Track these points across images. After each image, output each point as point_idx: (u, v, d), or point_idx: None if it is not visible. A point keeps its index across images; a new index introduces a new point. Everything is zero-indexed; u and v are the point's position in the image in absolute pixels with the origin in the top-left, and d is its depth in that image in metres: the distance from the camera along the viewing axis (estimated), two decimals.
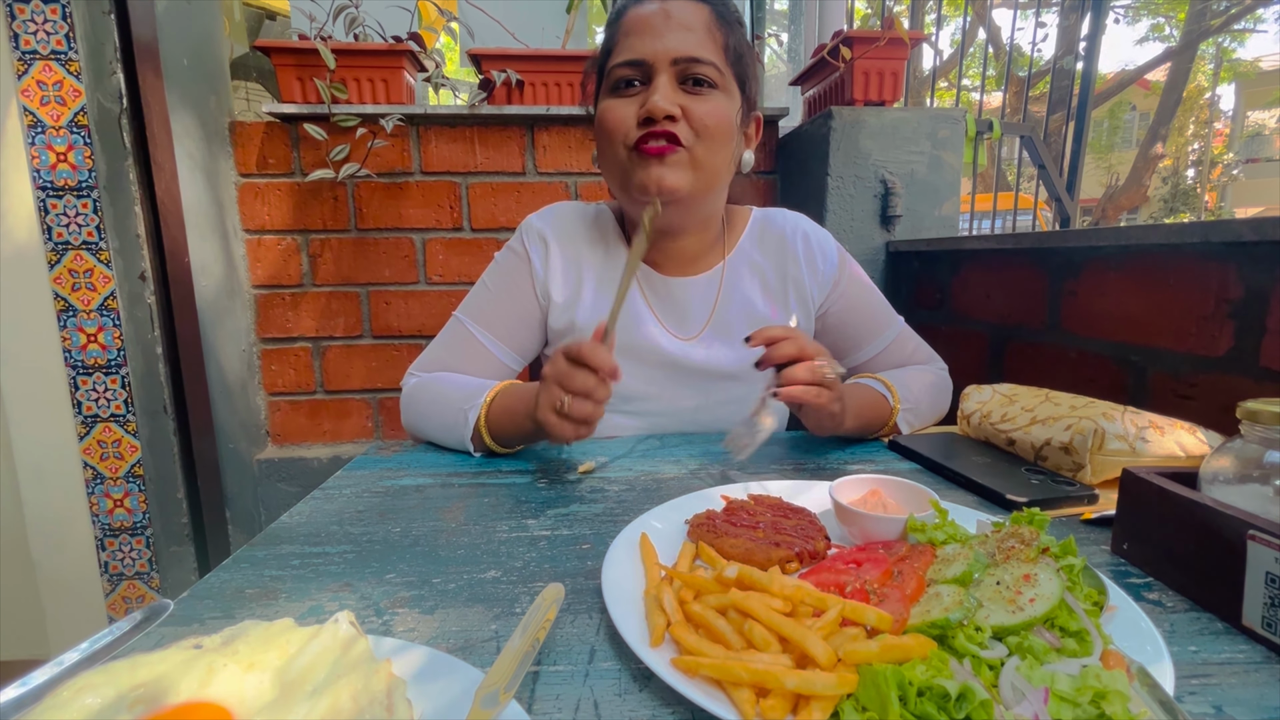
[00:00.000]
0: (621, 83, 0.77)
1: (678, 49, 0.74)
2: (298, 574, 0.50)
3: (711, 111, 0.75)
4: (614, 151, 0.78)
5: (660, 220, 0.81)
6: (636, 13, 0.77)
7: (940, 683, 0.30)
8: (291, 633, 0.34)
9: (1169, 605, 0.44)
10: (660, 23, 0.75)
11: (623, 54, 0.77)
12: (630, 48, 0.76)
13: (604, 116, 0.78)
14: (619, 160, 0.78)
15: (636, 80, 0.76)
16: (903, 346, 0.93)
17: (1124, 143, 16.80)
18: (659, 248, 0.87)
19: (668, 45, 0.74)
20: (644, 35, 0.75)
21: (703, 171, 0.77)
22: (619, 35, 0.78)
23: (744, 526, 0.51)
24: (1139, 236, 0.88)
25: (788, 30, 2.71)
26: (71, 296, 1.29)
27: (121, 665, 0.30)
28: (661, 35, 0.74)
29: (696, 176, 0.77)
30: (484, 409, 0.76)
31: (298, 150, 1.54)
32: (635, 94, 0.76)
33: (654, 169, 0.75)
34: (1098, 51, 2.07)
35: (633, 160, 0.77)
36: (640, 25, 0.76)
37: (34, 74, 1.22)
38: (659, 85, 0.74)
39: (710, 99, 0.76)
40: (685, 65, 0.74)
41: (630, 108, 0.76)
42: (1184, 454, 0.62)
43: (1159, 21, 12.26)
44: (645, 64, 0.75)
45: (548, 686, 0.36)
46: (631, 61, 0.75)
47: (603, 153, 0.81)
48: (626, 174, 0.78)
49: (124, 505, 1.38)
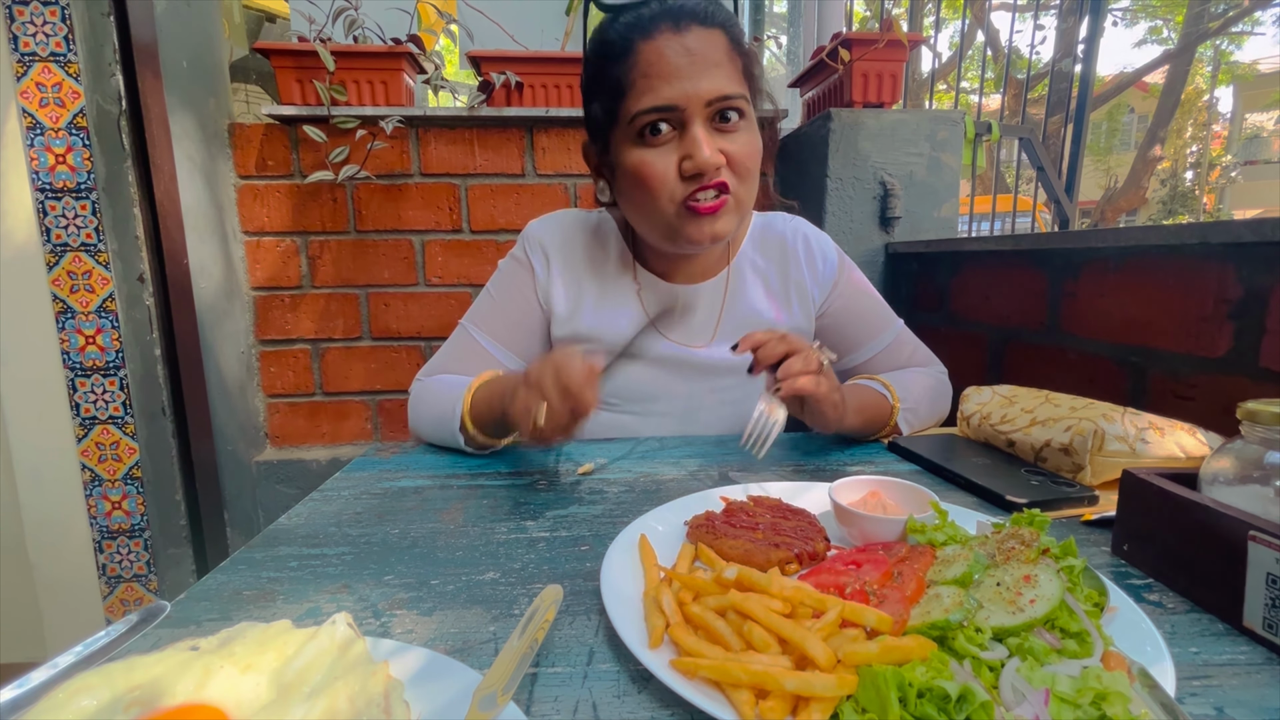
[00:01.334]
0: (650, 128, 0.72)
1: (711, 90, 0.70)
2: (295, 575, 0.50)
3: (748, 149, 0.74)
4: (656, 206, 0.75)
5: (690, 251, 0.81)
6: (654, 51, 0.71)
7: (940, 684, 0.30)
8: (289, 634, 0.33)
9: (1170, 606, 0.44)
10: (685, 63, 0.70)
11: (648, 98, 0.71)
12: (657, 92, 0.70)
13: (642, 171, 0.73)
14: (664, 216, 0.75)
15: (665, 124, 0.72)
16: (901, 348, 0.93)
17: (1122, 145, 16.84)
18: (667, 260, 0.87)
19: (700, 88, 0.70)
20: (669, 78, 0.70)
21: (743, 208, 0.77)
22: (635, 75, 0.72)
23: (743, 528, 0.51)
24: (1138, 238, 0.88)
25: (787, 32, 2.71)
26: (70, 298, 1.29)
27: (118, 667, 0.30)
28: (689, 76, 0.70)
29: (740, 216, 0.77)
30: (468, 399, 0.76)
31: (297, 152, 1.54)
32: (667, 141, 0.72)
33: (706, 225, 0.74)
34: (1096, 54, 2.07)
35: (682, 216, 0.74)
36: (663, 66, 0.70)
37: (33, 76, 1.22)
38: (698, 135, 0.70)
39: (742, 133, 0.74)
40: (718, 105, 0.71)
41: (669, 159, 0.72)
42: (1184, 455, 0.61)
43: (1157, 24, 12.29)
44: (678, 110, 0.70)
45: (546, 688, 0.36)
46: (660, 108, 0.71)
47: (639, 204, 0.77)
48: (673, 229, 0.76)
49: (122, 507, 1.37)
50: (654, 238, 0.80)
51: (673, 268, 0.88)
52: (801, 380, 0.66)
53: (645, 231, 0.81)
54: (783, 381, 0.67)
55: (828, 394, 0.69)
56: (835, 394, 0.71)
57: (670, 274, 0.88)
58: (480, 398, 0.76)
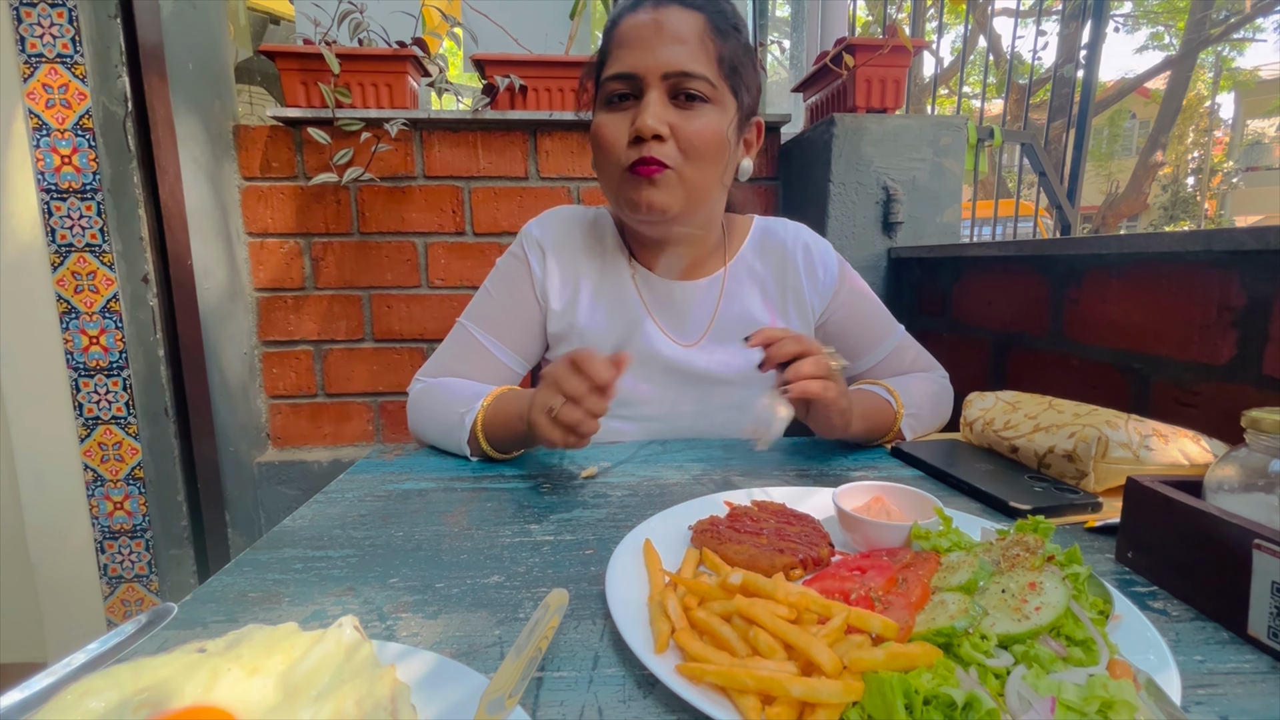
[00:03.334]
0: (614, 96, 0.77)
1: (668, 63, 0.73)
2: (301, 578, 0.50)
3: (700, 130, 0.75)
4: (608, 168, 0.79)
5: (652, 230, 0.82)
6: (630, 22, 0.76)
7: (946, 691, 0.30)
8: (295, 637, 0.34)
9: (1174, 614, 0.44)
10: (652, 35, 0.74)
11: (614, 66, 0.76)
12: (621, 60, 0.75)
13: (598, 132, 0.78)
14: (614, 178, 0.79)
15: (628, 94, 0.76)
16: (903, 355, 0.93)
17: (1124, 150, 16.85)
18: (658, 254, 0.88)
19: (659, 59, 0.73)
20: (635, 47, 0.74)
21: (691, 190, 0.77)
22: (612, 46, 0.78)
23: (748, 533, 0.51)
24: (1141, 244, 0.88)
25: (790, 37, 2.72)
26: (74, 298, 1.29)
27: (125, 669, 0.30)
28: (653, 48, 0.73)
29: (686, 195, 0.77)
30: (480, 413, 0.76)
31: (301, 154, 1.55)
32: (627, 109, 0.76)
33: (644, 190, 0.76)
34: (1098, 60, 2.07)
35: (625, 179, 0.77)
36: (632, 37, 0.75)
37: (40, 77, 1.23)
38: (649, 102, 0.74)
39: (700, 115, 0.75)
40: (676, 80, 0.74)
41: (623, 124, 0.76)
42: (1188, 462, 0.62)
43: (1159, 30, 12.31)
44: (636, 78, 0.74)
45: (552, 693, 0.36)
46: (622, 75, 0.75)
47: (599, 166, 0.82)
48: (620, 192, 0.79)
49: (124, 508, 1.37)
50: (610, 200, 0.84)
51: (665, 264, 0.88)
52: (812, 384, 0.66)
53: (605, 194, 0.84)
54: (792, 383, 0.66)
55: (835, 399, 0.68)
56: (843, 400, 0.70)
57: (663, 270, 0.88)
58: (493, 413, 0.76)
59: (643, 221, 0.80)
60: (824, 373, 0.67)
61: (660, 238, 0.84)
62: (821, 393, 0.66)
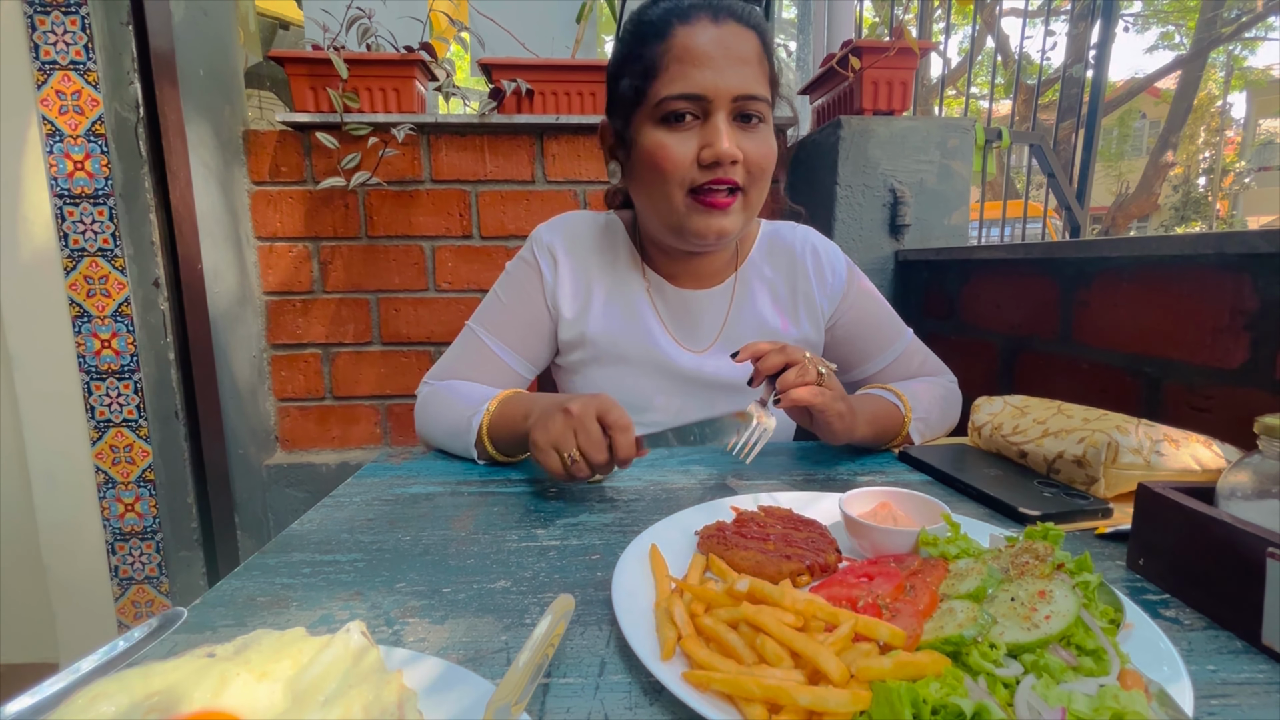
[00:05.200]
0: (674, 115, 0.74)
1: (739, 87, 0.72)
2: (309, 582, 0.50)
3: (766, 152, 0.75)
4: (666, 191, 0.75)
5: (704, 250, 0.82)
6: (690, 38, 0.72)
7: (955, 701, 0.30)
8: (303, 642, 0.34)
9: (1186, 623, 0.44)
10: (719, 55, 0.72)
11: (678, 84, 0.72)
12: (687, 79, 0.72)
13: (658, 153, 0.74)
14: (673, 202, 0.76)
15: (692, 114, 0.73)
16: (911, 358, 0.93)
17: (1134, 151, 16.72)
18: (674, 263, 0.88)
19: (729, 82, 0.71)
20: (703, 67, 0.72)
21: (751, 210, 0.78)
22: (669, 60, 0.73)
23: (754, 539, 0.51)
24: (1152, 247, 0.87)
25: (796, 39, 2.72)
26: (86, 302, 1.31)
27: (135, 673, 0.30)
28: (721, 69, 0.71)
29: (746, 217, 0.78)
30: (486, 417, 0.76)
31: (310, 158, 1.56)
32: (689, 128, 0.74)
33: (715, 219, 0.75)
34: (1107, 59, 2.06)
35: (691, 207, 0.75)
36: (697, 55, 0.72)
37: (53, 84, 1.24)
38: (720, 126, 0.72)
39: (762, 136, 0.75)
40: (743, 103, 0.73)
41: (688, 146, 0.73)
42: (1199, 468, 0.61)
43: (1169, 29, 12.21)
44: (704, 99, 0.72)
45: (558, 699, 0.36)
46: (690, 95, 0.72)
47: (648, 186, 0.78)
48: (680, 218, 0.77)
49: (135, 510, 1.39)
50: (659, 227, 0.81)
51: (679, 271, 0.88)
52: (800, 391, 0.67)
53: (651, 220, 0.81)
54: (782, 394, 0.68)
55: (829, 404, 0.69)
56: (839, 404, 0.70)
57: (677, 277, 0.88)
58: (500, 416, 0.76)
59: (702, 247, 0.80)
60: (811, 379, 0.68)
61: (700, 253, 0.85)
62: (812, 399, 0.67)
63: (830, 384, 0.70)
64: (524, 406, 0.73)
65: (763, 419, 0.69)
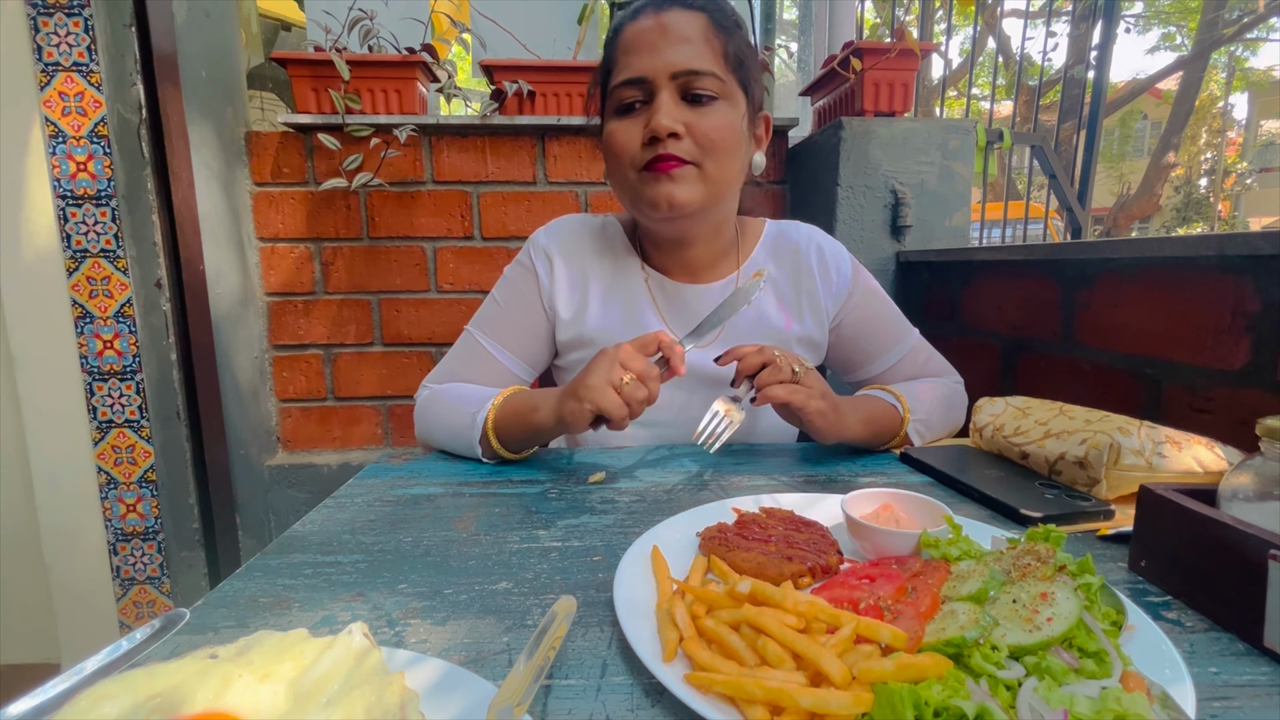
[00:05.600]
0: (625, 103, 0.77)
1: (676, 63, 0.74)
2: (310, 583, 0.50)
3: (716, 125, 0.75)
4: (623, 174, 0.79)
5: (672, 229, 0.82)
6: (633, 29, 0.77)
7: (957, 703, 0.30)
8: (306, 643, 0.34)
9: (1188, 625, 0.44)
10: (657, 38, 0.74)
11: (623, 73, 0.76)
12: (629, 66, 0.76)
13: (610, 139, 0.78)
14: (629, 181, 0.79)
15: (639, 99, 0.76)
16: (916, 358, 0.93)
17: (1136, 152, 16.70)
18: (670, 256, 0.88)
19: (666, 60, 0.74)
20: (642, 52, 0.75)
21: (713, 184, 0.78)
22: (618, 54, 0.78)
23: (756, 540, 0.51)
24: (1153, 248, 0.87)
25: (798, 40, 2.72)
26: (89, 303, 1.31)
27: (138, 674, 0.30)
28: (659, 50, 0.74)
29: (707, 190, 0.77)
30: (492, 412, 0.76)
31: (312, 160, 1.56)
32: (639, 114, 0.76)
33: (664, 186, 0.76)
34: (1109, 60, 2.06)
35: (642, 179, 0.77)
36: (638, 42, 0.76)
37: (56, 85, 1.25)
38: (661, 103, 0.74)
39: (714, 111, 0.75)
40: (686, 79, 0.74)
41: (635, 128, 0.76)
42: (1201, 470, 0.61)
43: (1170, 30, 12.20)
44: (646, 81, 0.75)
45: (560, 701, 0.36)
46: (631, 80, 0.75)
47: (612, 174, 0.82)
48: (637, 193, 0.78)
49: (136, 510, 1.39)
50: (628, 207, 0.84)
51: (677, 265, 0.88)
52: (774, 389, 0.71)
53: (622, 201, 0.84)
54: (757, 392, 0.72)
55: (806, 401, 0.71)
56: (818, 402, 0.72)
57: (675, 272, 0.88)
58: (506, 411, 0.76)
59: (663, 219, 0.79)
60: (784, 377, 0.71)
61: (678, 236, 0.84)
62: (787, 396, 0.71)
63: (807, 381, 0.72)
64: (531, 400, 0.75)
65: (730, 411, 0.73)
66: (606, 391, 0.66)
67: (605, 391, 0.66)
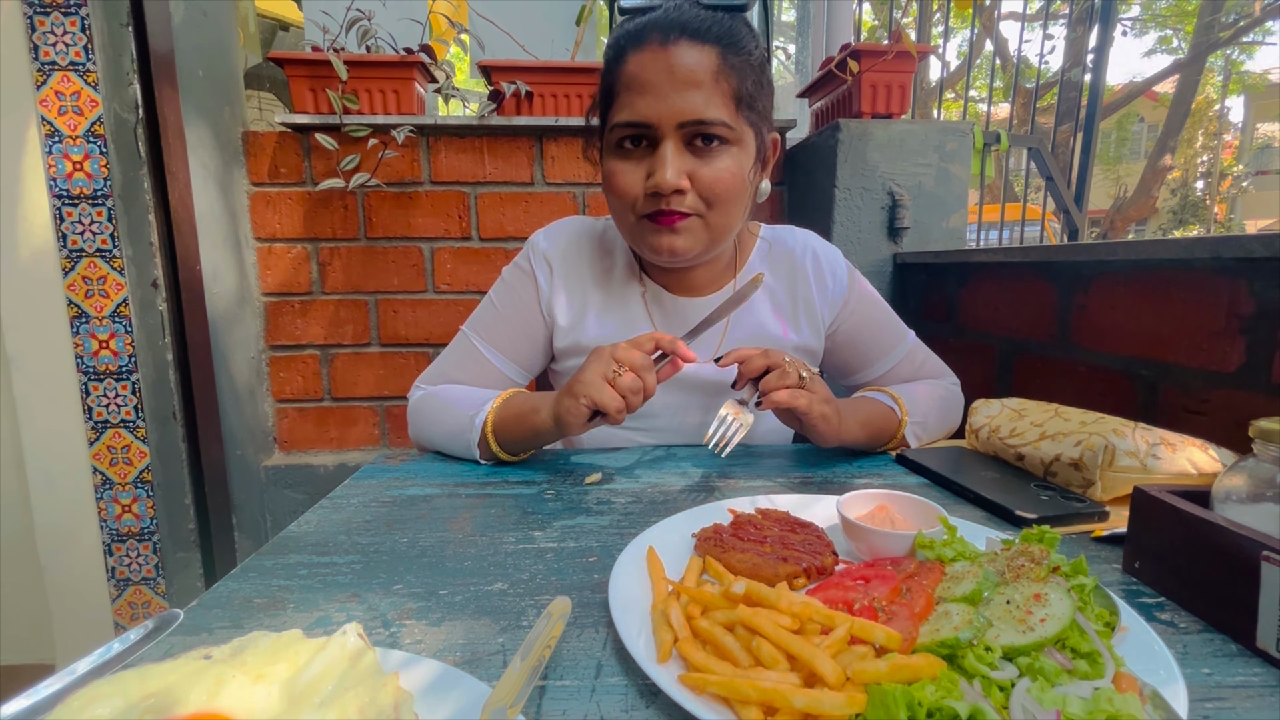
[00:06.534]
0: (626, 141, 0.74)
1: (684, 111, 0.70)
2: (305, 584, 0.50)
3: (721, 176, 0.72)
4: (624, 214, 0.77)
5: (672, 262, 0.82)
6: (637, 62, 0.71)
7: (950, 704, 0.30)
8: (300, 644, 0.34)
9: (1182, 626, 0.44)
10: (664, 80, 0.70)
11: (624, 112, 0.72)
12: (632, 107, 0.72)
13: (611, 180, 0.76)
14: (629, 222, 0.77)
15: (641, 139, 0.73)
16: (914, 361, 0.93)
17: (1132, 154, 16.76)
18: (670, 272, 0.87)
19: (673, 107, 0.70)
20: (647, 94, 0.71)
21: (716, 232, 0.77)
22: (619, 87, 0.73)
23: (751, 541, 0.51)
24: (1149, 251, 0.87)
25: (795, 42, 2.73)
26: (85, 303, 1.31)
27: (131, 675, 0.30)
28: (666, 95, 0.70)
29: (710, 238, 0.77)
30: (491, 414, 0.76)
31: (309, 160, 1.56)
32: (641, 156, 0.74)
33: (665, 237, 0.75)
34: (1105, 63, 2.07)
35: (643, 226, 0.76)
36: (642, 81, 0.71)
37: (52, 84, 1.25)
38: (665, 155, 0.71)
39: (719, 159, 0.72)
40: (693, 129, 0.71)
41: (637, 174, 0.74)
42: (1196, 471, 0.61)
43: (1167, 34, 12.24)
44: (649, 127, 0.71)
45: (554, 702, 0.36)
46: (634, 123, 0.72)
47: (612, 208, 0.80)
48: (637, 236, 0.78)
49: (132, 510, 1.38)
50: (628, 241, 0.84)
51: (675, 280, 0.88)
52: (780, 394, 0.70)
53: (620, 232, 0.84)
54: (763, 396, 0.71)
55: (811, 406, 0.71)
56: (823, 407, 0.72)
57: (673, 285, 0.88)
58: (505, 413, 0.76)
59: (664, 263, 0.80)
60: (791, 382, 0.71)
61: (680, 268, 0.85)
62: (792, 401, 0.70)
63: (813, 386, 0.72)
64: (532, 401, 0.75)
65: (739, 415, 0.73)
66: (601, 385, 0.66)
67: (600, 386, 0.66)
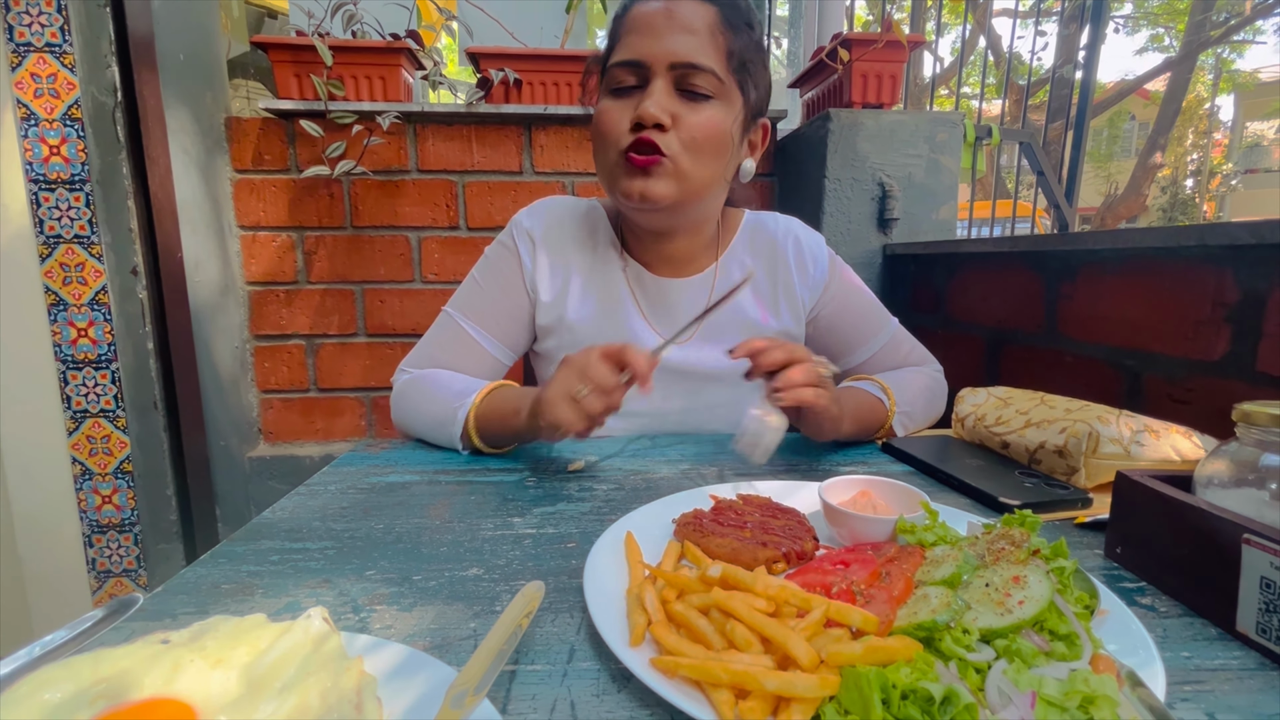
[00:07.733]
0: (619, 84, 0.75)
1: (677, 53, 0.72)
2: (276, 570, 0.49)
3: (704, 124, 0.74)
4: (605, 154, 0.77)
5: (647, 220, 0.81)
6: (640, 9, 0.75)
7: (925, 686, 0.29)
8: (262, 629, 0.33)
9: (1162, 610, 0.43)
10: (662, 23, 0.73)
11: (621, 53, 0.75)
12: (630, 47, 0.74)
13: (599, 118, 0.77)
14: (609, 163, 0.77)
15: (634, 84, 0.75)
16: (897, 348, 0.93)
17: (1123, 152, 16.85)
18: (651, 248, 0.87)
19: (667, 48, 0.72)
20: (644, 35, 0.73)
21: (688, 182, 0.76)
22: (621, 32, 0.76)
23: (731, 526, 0.50)
24: (1135, 240, 0.87)
25: (788, 35, 2.71)
26: (62, 290, 1.28)
27: (84, 660, 0.29)
28: (662, 37, 0.72)
29: (681, 187, 0.76)
30: (473, 408, 0.75)
31: (294, 147, 1.54)
32: (632, 97, 0.75)
33: (638, 180, 0.75)
34: (1097, 61, 2.07)
35: (620, 166, 0.76)
36: (642, 24, 0.74)
37: (28, 66, 1.22)
38: (653, 90, 0.73)
39: (705, 110, 0.74)
40: (683, 71, 0.73)
41: (625, 111, 0.74)
42: (1179, 458, 0.61)
43: (1158, 32, 12.31)
44: (643, 65, 0.73)
45: (524, 686, 0.36)
46: (629, 62, 0.74)
47: (597, 153, 0.80)
48: (614, 178, 0.77)
49: (112, 501, 1.36)
50: (605, 188, 0.82)
51: (657, 258, 0.87)
52: (805, 391, 0.66)
53: (601, 182, 0.83)
54: (784, 391, 0.65)
55: (827, 407, 0.69)
56: (834, 406, 0.71)
57: (655, 265, 0.87)
58: (487, 408, 0.75)
59: (635, 210, 0.79)
60: (814, 380, 0.67)
61: (656, 228, 0.83)
62: (815, 400, 0.66)
63: (826, 384, 0.70)
64: (514, 401, 0.73)
65: (770, 418, 0.66)
66: (560, 405, 0.64)
67: (559, 405, 0.64)
